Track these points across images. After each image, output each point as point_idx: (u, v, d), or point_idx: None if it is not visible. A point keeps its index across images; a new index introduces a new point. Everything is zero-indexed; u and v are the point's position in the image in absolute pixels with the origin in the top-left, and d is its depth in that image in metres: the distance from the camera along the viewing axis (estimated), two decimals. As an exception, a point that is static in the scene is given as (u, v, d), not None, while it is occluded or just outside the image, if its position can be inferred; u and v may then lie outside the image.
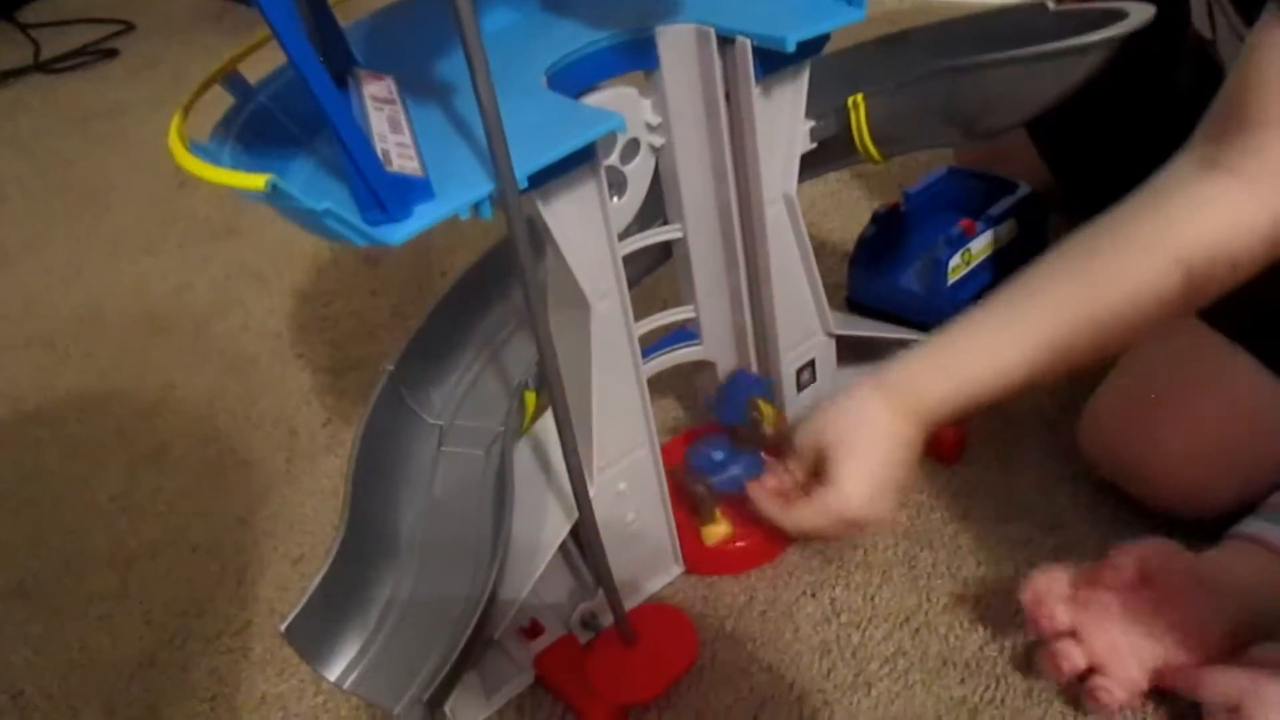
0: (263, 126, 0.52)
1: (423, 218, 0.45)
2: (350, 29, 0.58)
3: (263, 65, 0.53)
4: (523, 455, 0.68)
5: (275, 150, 0.51)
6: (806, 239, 0.68)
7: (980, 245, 0.83)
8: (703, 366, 0.74)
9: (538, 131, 0.49)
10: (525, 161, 0.47)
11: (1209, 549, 0.59)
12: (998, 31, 0.62)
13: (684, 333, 0.73)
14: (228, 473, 0.92)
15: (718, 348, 0.72)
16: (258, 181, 0.40)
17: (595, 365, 0.59)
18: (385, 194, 0.44)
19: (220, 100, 0.52)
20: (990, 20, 0.63)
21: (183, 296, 1.21)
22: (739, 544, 0.70)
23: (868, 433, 0.59)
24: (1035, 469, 0.75)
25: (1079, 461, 0.74)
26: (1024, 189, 0.87)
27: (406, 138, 0.48)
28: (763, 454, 0.69)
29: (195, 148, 0.46)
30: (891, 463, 0.59)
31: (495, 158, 0.45)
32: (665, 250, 0.70)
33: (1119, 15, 0.56)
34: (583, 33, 0.59)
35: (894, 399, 0.59)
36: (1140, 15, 0.56)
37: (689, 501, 0.70)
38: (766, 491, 0.65)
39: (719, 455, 0.69)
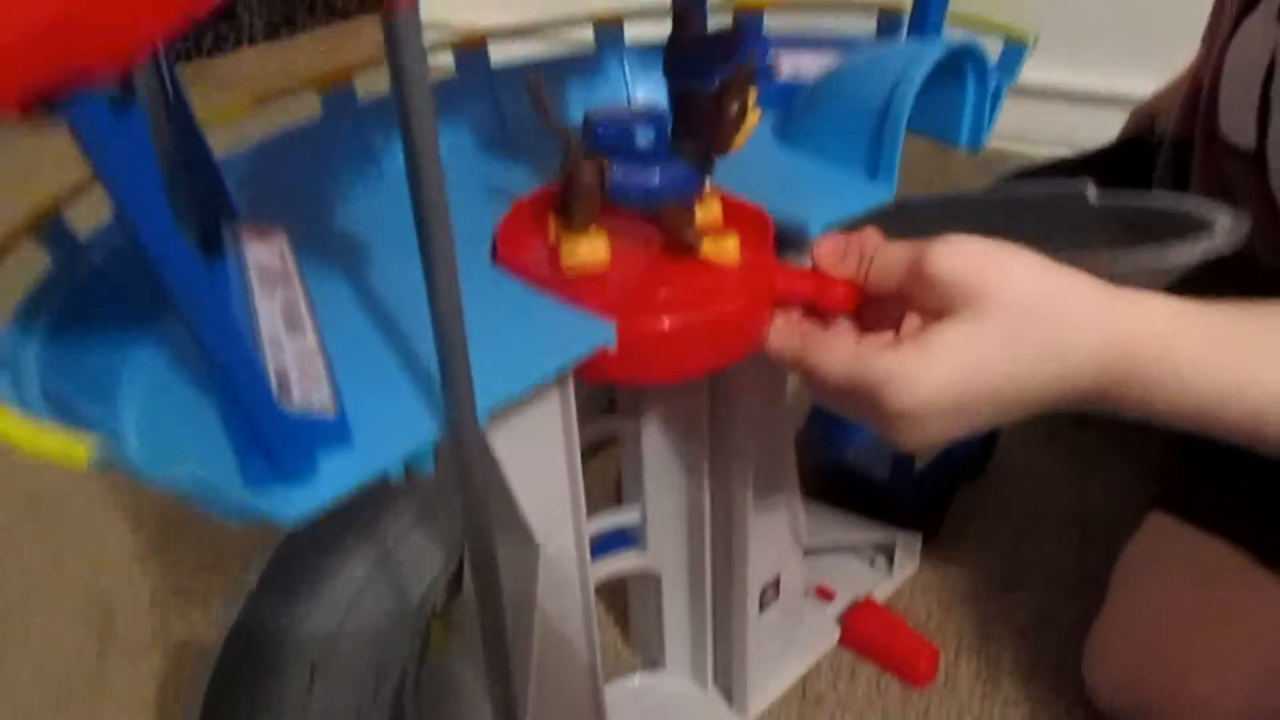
0: (94, 303, 0.36)
1: (336, 480, 0.30)
2: (227, 164, 0.43)
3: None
4: (425, 699, 0.53)
5: (110, 341, 0.35)
6: (789, 430, 0.56)
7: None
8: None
9: (496, 340, 0.36)
10: (483, 389, 0.33)
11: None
12: (1023, 217, 0.52)
13: (621, 535, 0.59)
14: (10, 661, 0.72)
15: (665, 557, 0.59)
16: (78, 452, 0.25)
17: (539, 614, 0.45)
18: (280, 445, 0.30)
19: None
20: (1016, 202, 0.53)
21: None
22: (670, 329, 0.39)
23: (1027, 343, 0.36)
24: (1021, 689, 0.65)
25: (1065, 675, 0.64)
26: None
27: (310, 341, 0.34)
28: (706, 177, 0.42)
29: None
30: (995, 404, 0.37)
31: (452, 393, 0.31)
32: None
33: (1186, 222, 0.46)
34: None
35: (1110, 345, 0.36)
36: (1227, 230, 0.44)
37: (551, 194, 0.42)
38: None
39: (645, 136, 0.40)
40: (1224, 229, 0.43)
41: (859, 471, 0.73)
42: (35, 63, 0.20)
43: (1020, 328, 0.36)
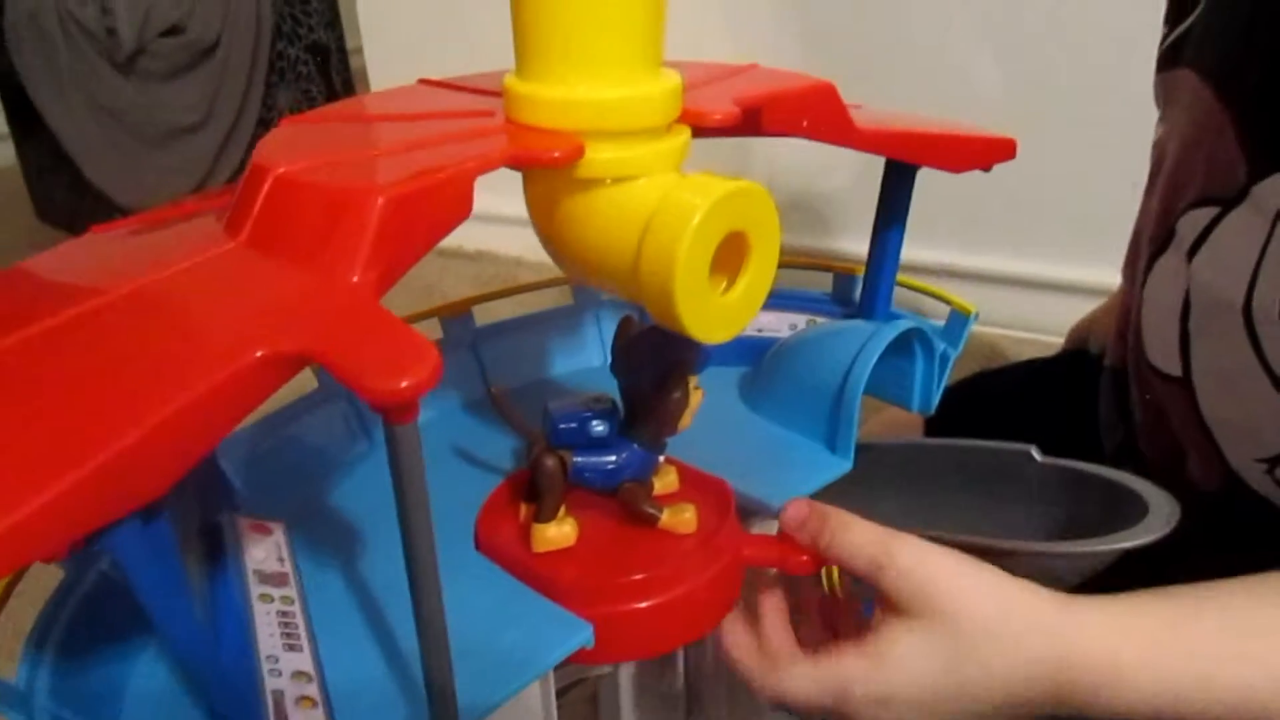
0: (99, 614, 0.38)
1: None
2: (228, 442, 0.46)
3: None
4: None
5: (115, 654, 0.37)
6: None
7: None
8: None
9: (482, 643, 0.38)
10: (469, 692, 0.35)
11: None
12: (975, 469, 0.56)
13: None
14: None
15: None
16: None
17: None
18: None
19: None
20: (970, 454, 0.57)
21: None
22: (645, 602, 0.41)
23: (973, 664, 0.39)
24: None
25: None
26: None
27: (308, 660, 0.36)
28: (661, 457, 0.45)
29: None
30: (950, 710, 0.40)
31: (436, 706, 0.33)
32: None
33: (1124, 495, 0.49)
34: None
35: (1047, 651, 0.39)
36: (1162, 519, 0.46)
37: (522, 479, 0.45)
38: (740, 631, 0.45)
39: (600, 427, 0.43)
40: (1160, 521, 0.46)
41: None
42: (75, 523, 0.23)
43: (967, 653, 0.39)
